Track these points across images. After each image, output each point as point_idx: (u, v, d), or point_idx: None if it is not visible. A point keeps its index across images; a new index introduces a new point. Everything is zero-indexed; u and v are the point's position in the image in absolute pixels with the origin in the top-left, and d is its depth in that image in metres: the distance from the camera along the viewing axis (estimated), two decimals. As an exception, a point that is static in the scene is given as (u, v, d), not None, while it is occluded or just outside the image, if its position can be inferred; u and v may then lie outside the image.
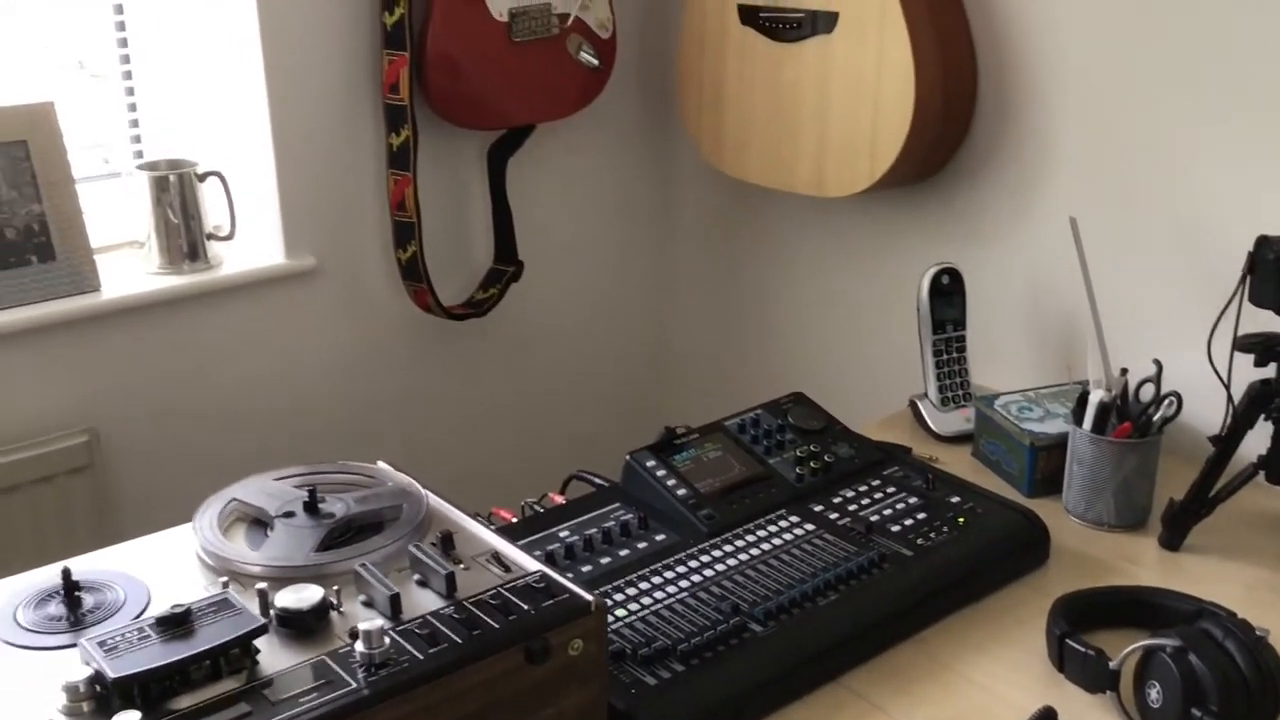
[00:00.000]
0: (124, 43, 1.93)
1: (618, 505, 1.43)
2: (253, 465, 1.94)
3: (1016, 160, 1.80)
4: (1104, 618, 1.26)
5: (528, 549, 1.12)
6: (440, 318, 2.05)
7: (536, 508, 1.45)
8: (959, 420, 1.72)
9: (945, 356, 1.73)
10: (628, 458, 1.46)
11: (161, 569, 1.08)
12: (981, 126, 1.83)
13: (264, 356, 1.94)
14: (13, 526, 1.69)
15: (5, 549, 1.68)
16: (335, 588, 1.01)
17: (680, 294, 2.41)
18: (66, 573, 1.03)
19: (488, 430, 2.25)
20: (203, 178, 1.88)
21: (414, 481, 1.20)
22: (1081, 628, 1.20)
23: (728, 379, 2.35)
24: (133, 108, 1.97)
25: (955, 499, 1.44)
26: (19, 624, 1.01)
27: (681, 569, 1.30)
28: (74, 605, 1.02)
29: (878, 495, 1.45)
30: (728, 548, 1.34)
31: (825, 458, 1.50)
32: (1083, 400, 1.49)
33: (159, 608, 0.98)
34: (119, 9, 1.92)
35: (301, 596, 0.98)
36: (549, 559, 1.31)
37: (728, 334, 2.34)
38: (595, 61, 2.06)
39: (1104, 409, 1.47)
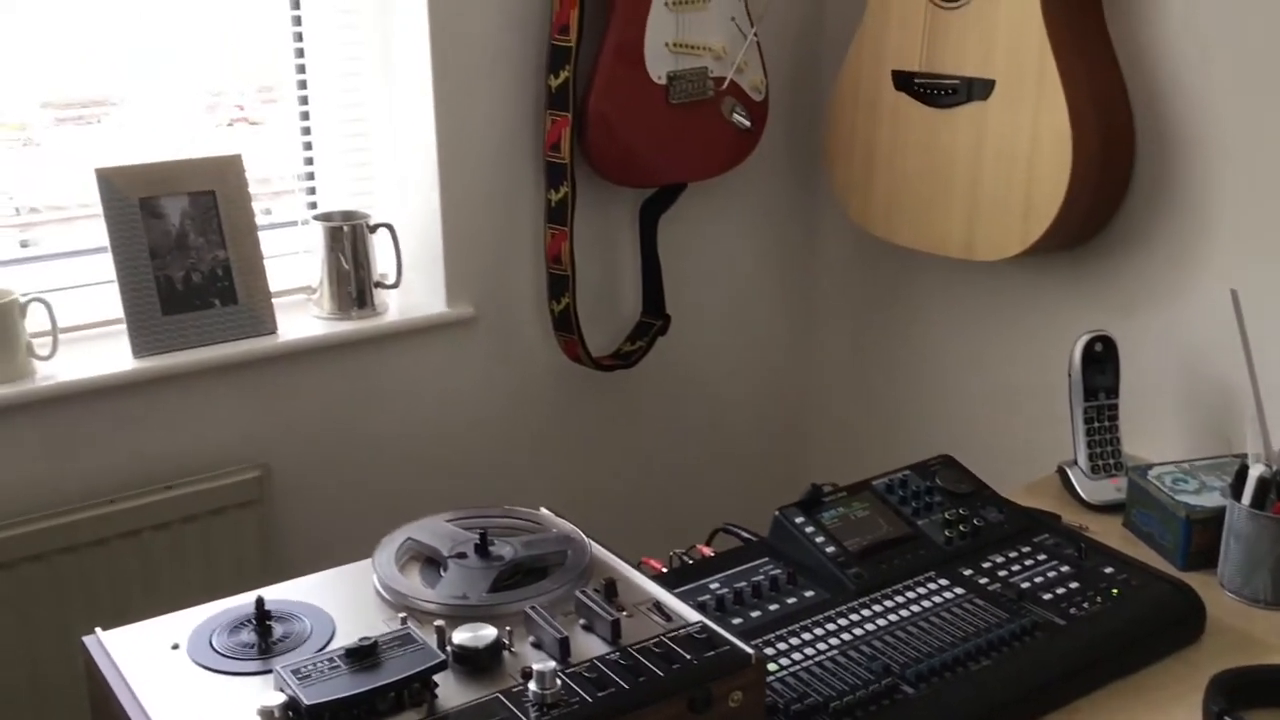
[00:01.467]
0: (305, 100, 2.04)
1: (766, 560, 1.45)
2: (411, 503, 2.02)
3: (1174, 227, 1.79)
4: (1262, 696, 1.24)
5: (680, 600, 1.16)
6: (589, 368, 2.11)
7: (685, 558, 1.48)
8: (1109, 489, 1.70)
9: (1096, 424, 1.72)
10: (776, 514, 1.49)
11: (343, 602, 1.14)
12: (1139, 193, 1.83)
13: (424, 400, 2.02)
14: (187, 554, 1.78)
15: (180, 575, 1.78)
16: (507, 628, 1.06)
17: (824, 351, 2.44)
18: (260, 602, 1.10)
19: (632, 479, 2.30)
20: (373, 229, 1.98)
21: (576, 528, 1.25)
22: (1239, 705, 1.19)
23: (870, 438, 2.36)
24: (309, 161, 2.08)
25: (1108, 569, 1.43)
26: (214, 649, 1.08)
27: (831, 626, 1.32)
28: (265, 634, 1.09)
29: (1028, 562, 1.45)
30: (876, 607, 1.35)
31: (974, 521, 1.51)
32: (1242, 474, 1.47)
33: (344, 639, 1.04)
34: (301, 69, 2.03)
35: (477, 635, 1.03)
36: (699, 610, 1.34)
37: (871, 393, 2.35)
38: (747, 123, 2.11)
39: (1264, 484, 1.45)
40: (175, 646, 1.09)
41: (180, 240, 1.82)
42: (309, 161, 2.07)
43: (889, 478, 1.57)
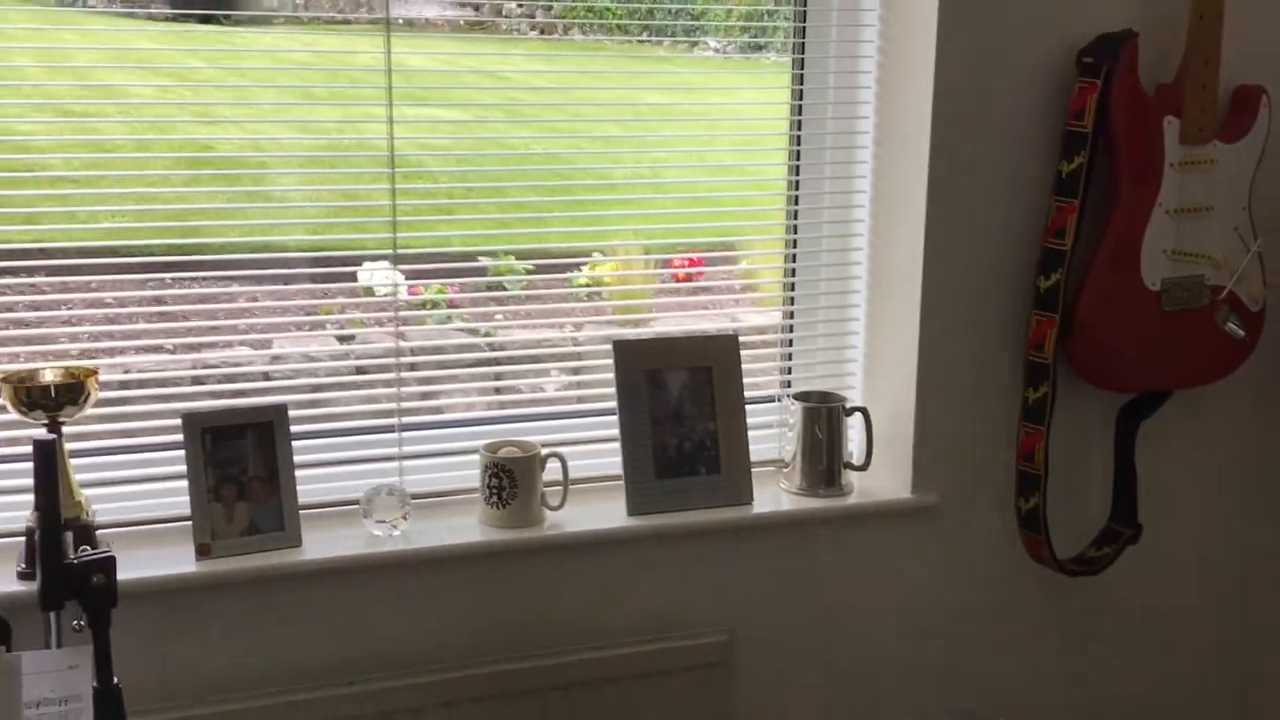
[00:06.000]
0: (792, 272, 2.15)
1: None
2: (867, 684, 2.04)
3: None
4: None
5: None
6: (1052, 570, 2.06)
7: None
8: None
9: None
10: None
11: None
12: None
13: (883, 583, 2.05)
14: (660, 706, 1.88)
15: (646, 726, 1.88)
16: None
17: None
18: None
19: (1086, 693, 2.20)
20: (849, 412, 2.05)
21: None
22: None
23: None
24: (788, 342, 2.19)
25: None
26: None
27: None
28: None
29: None
30: None
31: None
32: None
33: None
34: (791, 257, 2.16)
35: None
36: None
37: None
38: (1242, 333, 2.03)
39: None
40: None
41: (677, 410, 1.96)
42: (789, 328, 2.16)
43: None
